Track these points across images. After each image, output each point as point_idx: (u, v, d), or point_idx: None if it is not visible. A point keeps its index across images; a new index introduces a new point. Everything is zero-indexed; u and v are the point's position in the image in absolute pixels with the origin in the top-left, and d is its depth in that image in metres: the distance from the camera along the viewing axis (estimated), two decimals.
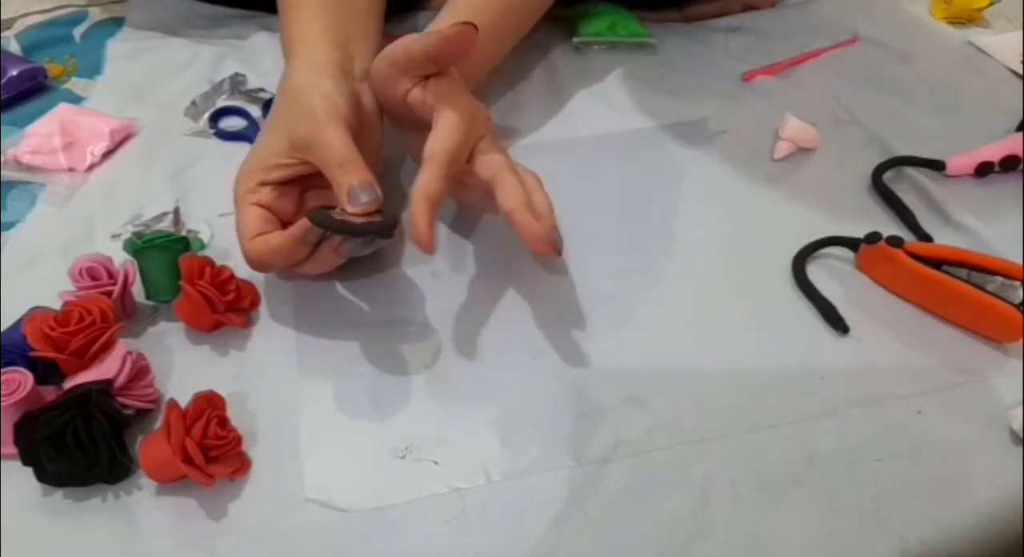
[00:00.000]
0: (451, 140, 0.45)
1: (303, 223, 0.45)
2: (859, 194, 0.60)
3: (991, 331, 0.49)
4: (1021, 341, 0.49)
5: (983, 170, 0.60)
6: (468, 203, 0.53)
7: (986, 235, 0.56)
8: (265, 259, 0.46)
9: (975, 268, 0.49)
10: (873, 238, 0.52)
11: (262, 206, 0.47)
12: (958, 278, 0.49)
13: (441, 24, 0.53)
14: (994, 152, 0.60)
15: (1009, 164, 0.60)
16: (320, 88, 0.48)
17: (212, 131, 0.64)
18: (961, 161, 0.60)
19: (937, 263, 0.50)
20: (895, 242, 0.51)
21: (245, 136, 0.63)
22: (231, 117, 0.65)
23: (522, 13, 0.61)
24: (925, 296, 0.51)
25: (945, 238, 0.56)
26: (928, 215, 0.58)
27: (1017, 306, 0.48)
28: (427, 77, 0.47)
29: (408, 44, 0.46)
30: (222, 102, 0.66)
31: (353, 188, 0.44)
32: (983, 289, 0.48)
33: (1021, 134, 0.61)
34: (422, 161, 0.45)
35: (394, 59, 0.47)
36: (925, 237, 0.55)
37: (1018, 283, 0.48)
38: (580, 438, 0.44)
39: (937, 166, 0.60)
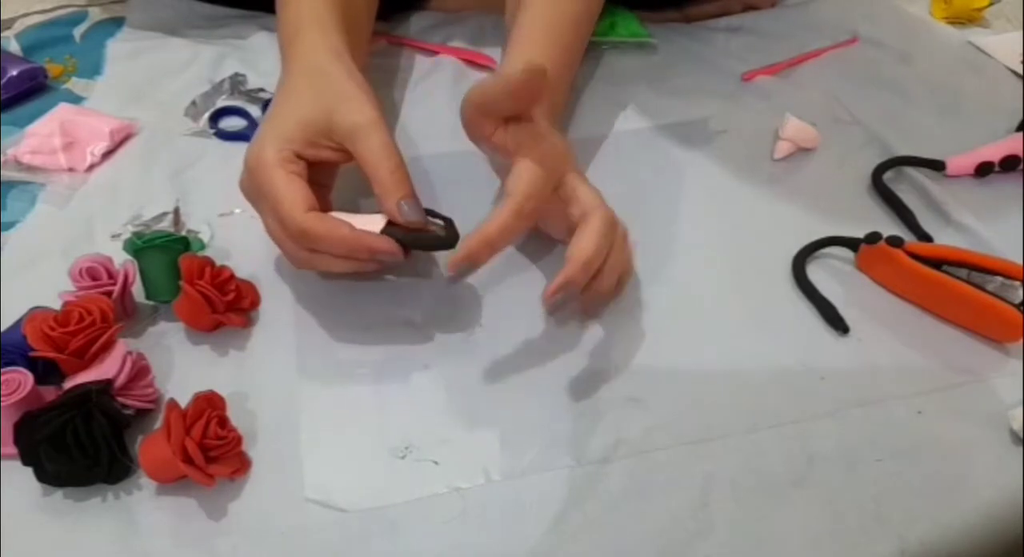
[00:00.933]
0: (527, 184, 0.45)
1: (390, 242, 0.45)
2: (859, 194, 0.60)
3: (991, 331, 0.49)
4: (1021, 341, 0.49)
5: (983, 170, 0.60)
6: (549, 233, 0.53)
7: (986, 235, 0.56)
8: (322, 241, 0.45)
9: (975, 268, 0.49)
10: (873, 238, 0.52)
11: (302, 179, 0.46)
12: (958, 278, 0.49)
13: (513, 50, 0.53)
14: (994, 152, 0.60)
15: (1009, 164, 0.60)
16: (356, 77, 0.48)
17: (212, 131, 0.64)
18: (961, 161, 0.60)
19: (937, 263, 0.50)
20: (895, 242, 0.51)
21: (245, 136, 0.63)
22: (231, 117, 0.66)
23: (586, 25, 0.61)
24: (925, 296, 0.51)
25: (946, 238, 0.56)
26: (928, 215, 0.58)
27: (1017, 306, 0.48)
28: (508, 120, 0.47)
29: (486, 87, 0.46)
30: (222, 102, 0.66)
31: (401, 202, 0.45)
32: (983, 289, 0.48)
33: (1021, 134, 0.61)
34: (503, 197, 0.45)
35: (475, 102, 0.46)
36: (925, 237, 0.55)
37: (1018, 283, 0.48)
38: (580, 438, 0.44)
39: (937, 166, 0.60)
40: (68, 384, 0.43)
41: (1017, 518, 0.41)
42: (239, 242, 0.54)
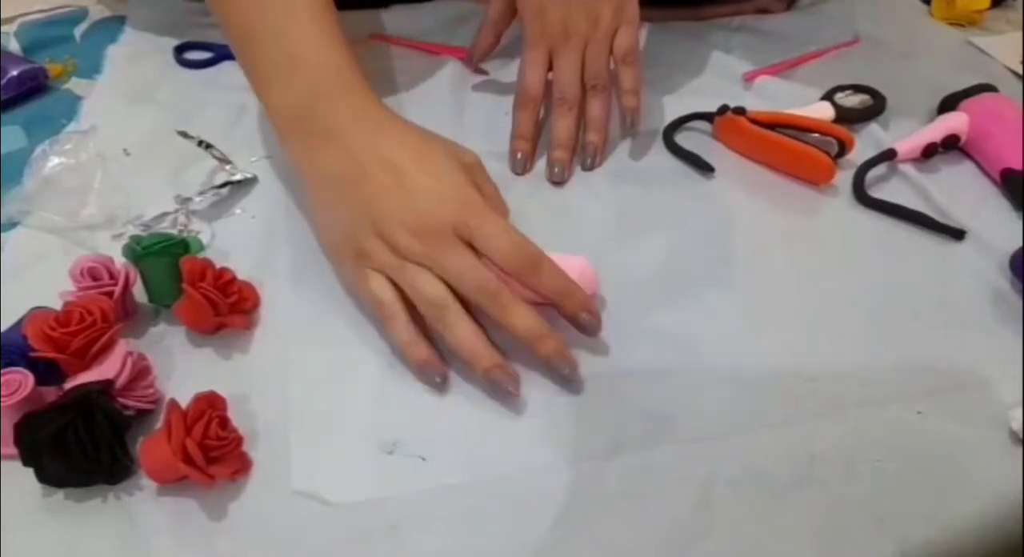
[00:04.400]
0: None
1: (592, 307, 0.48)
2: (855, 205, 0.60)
3: (811, 175, 0.60)
4: (834, 182, 0.59)
5: (929, 151, 0.62)
6: None
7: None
8: (545, 270, 0.46)
9: (800, 128, 0.61)
10: (723, 109, 0.64)
11: None
12: (786, 136, 0.61)
13: None
14: (935, 133, 0.62)
15: (950, 143, 0.62)
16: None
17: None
18: (908, 145, 0.62)
19: (772, 126, 0.61)
20: (739, 111, 0.63)
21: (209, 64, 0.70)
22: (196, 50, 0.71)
23: None
24: (763, 152, 0.62)
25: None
26: (922, 205, 0.58)
27: (832, 156, 0.58)
28: None
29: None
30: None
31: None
32: (804, 142, 0.60)
33: (956, 115, 0.63)
34: None
35: None
36: (958, 232, 0.56)
37: (832, 139, 0.60)
38: (580, 438, 0.44)
39: (890, 155, 0.61)
40: (69, 384, 0.43)
41: (1017, 518, 0.41)
42: (238, 243, 0.54)
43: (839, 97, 0.66)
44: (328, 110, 0.48)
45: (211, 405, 0.41)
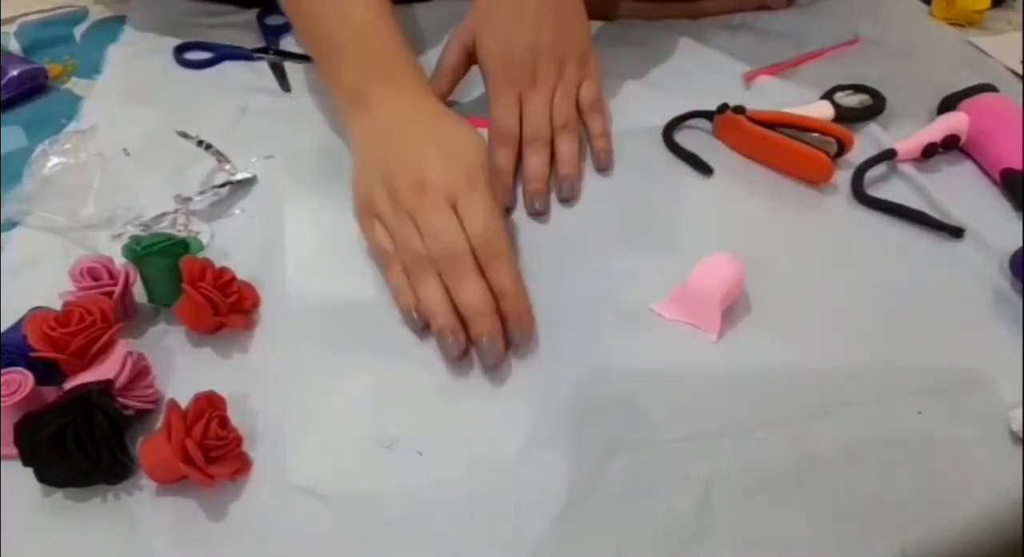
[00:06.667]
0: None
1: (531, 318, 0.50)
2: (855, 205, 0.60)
3: (810, 175, 0.60)
4: (832, 181, 0.59)
5: (929, 151, 0.62)
6: None
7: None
8: (502, 259, 0.49)
9: (800, 127, 0.61)
10: (723, 108, 0.64)
11: None
12: (786, 135, 0.61)
13: None
14: (936, 133, 0.62)
15: (950, 143, 0.62)
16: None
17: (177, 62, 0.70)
18: (908, 145, 0.62)
19: (771, 126, 0.61)
20: (739, 110, 0.63)
21: (209, 64, 0.71)
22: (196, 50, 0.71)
23: None
24: (763, 151, 0.62)
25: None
26: (922, 205, 0.58)
27: (831, 156, 0.59)
28: None
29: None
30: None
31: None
32: (803, 141, 0.60)
33: (956, 115, 0.63)
34: None
35: None
36: (957, 230, 0.56)
37: (831, 138, 0.60)
38: (580, 438, 0.44)
39: (890, 155, 0.61)
40: (69, 384, 0.43)
41: (1017, 518, 0.42)
42: (238, 243, 0.54)
43: (839, 97, 0.66)
44: (377, 91, 0.55)
45: (211, 405, 0.41)
